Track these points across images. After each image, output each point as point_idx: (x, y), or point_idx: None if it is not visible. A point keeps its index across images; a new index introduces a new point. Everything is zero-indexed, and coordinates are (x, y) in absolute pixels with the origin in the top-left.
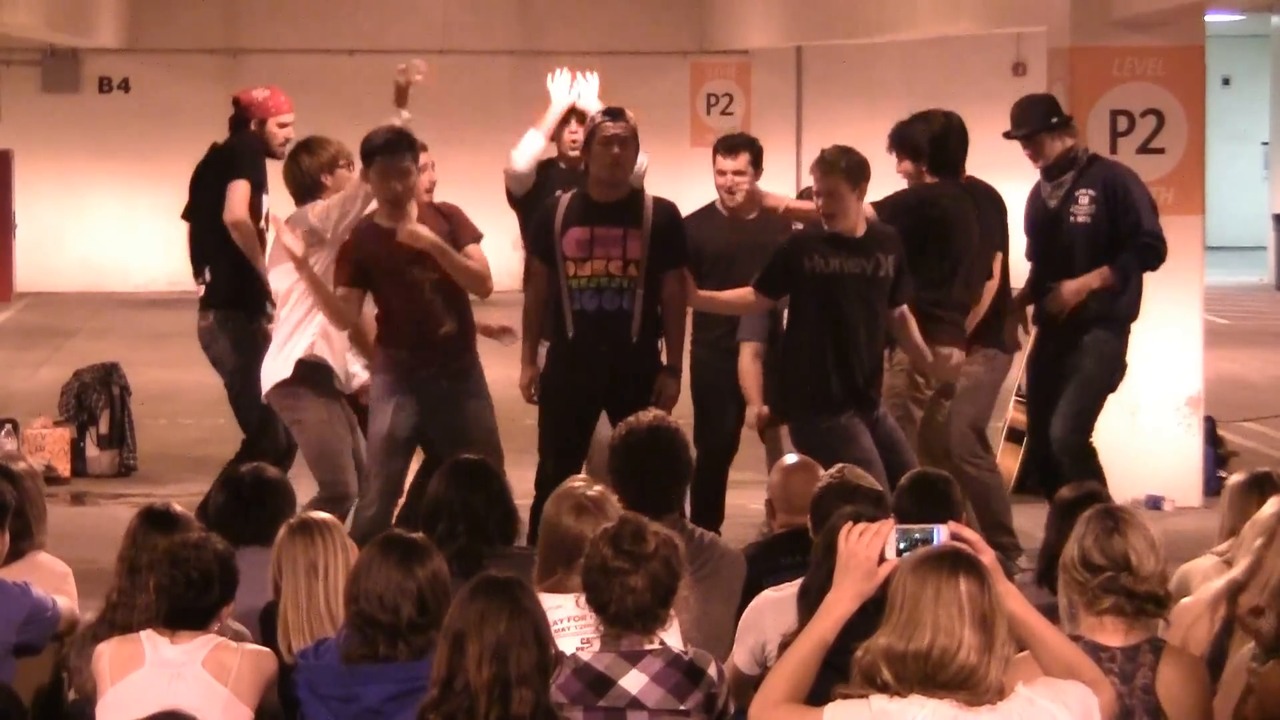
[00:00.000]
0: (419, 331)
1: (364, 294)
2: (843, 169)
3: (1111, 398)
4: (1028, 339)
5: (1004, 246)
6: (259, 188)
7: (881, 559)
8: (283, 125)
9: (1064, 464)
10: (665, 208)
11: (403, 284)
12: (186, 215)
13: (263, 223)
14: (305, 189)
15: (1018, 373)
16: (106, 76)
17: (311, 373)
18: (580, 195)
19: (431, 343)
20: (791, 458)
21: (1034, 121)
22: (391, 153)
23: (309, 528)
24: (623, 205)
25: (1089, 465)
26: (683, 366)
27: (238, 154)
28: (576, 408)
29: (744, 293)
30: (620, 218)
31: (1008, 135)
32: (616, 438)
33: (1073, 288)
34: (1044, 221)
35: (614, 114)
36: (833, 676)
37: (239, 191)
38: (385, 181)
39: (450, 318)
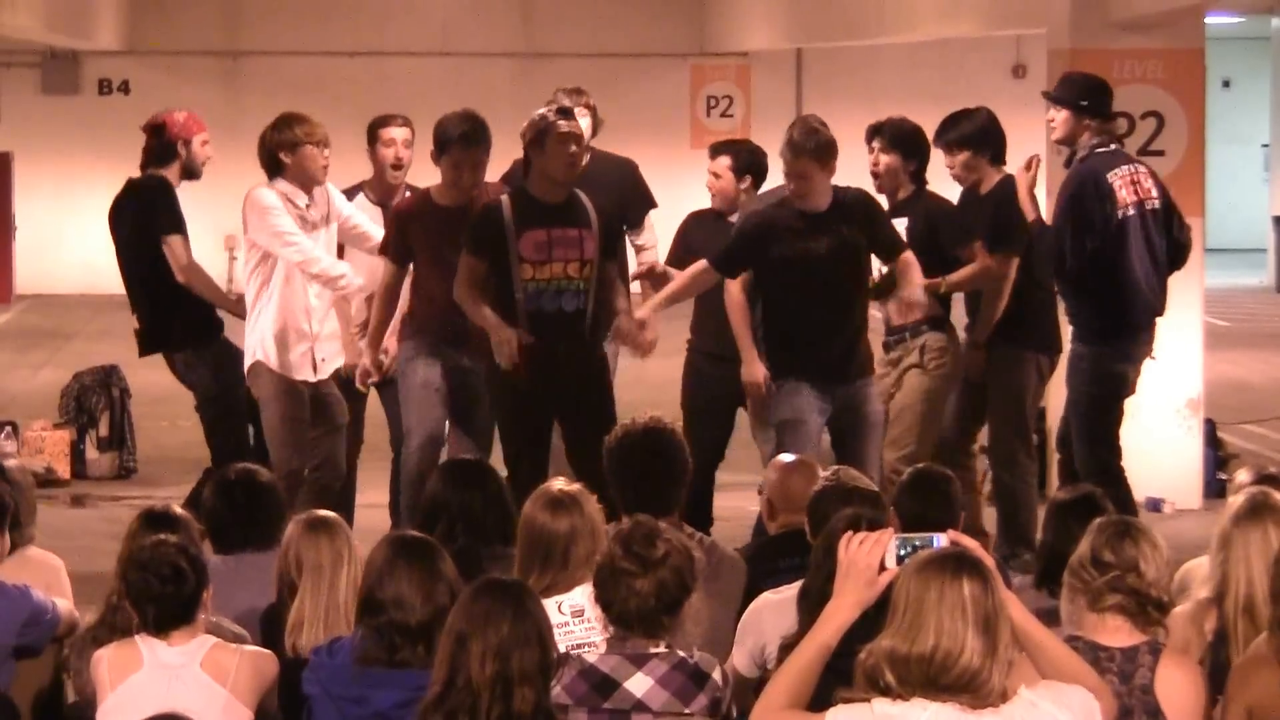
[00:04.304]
0: (449, 316)
1: (405, 273)
2: (811, 150)
3: None
4: None
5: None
6: (184, 233)
7: (882, 567)
8: (204, 143)
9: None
10: (601, 204)
11: (440, 266)
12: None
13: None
14: (267, 162)
15: None
16: (106, 78)
17: (258, 369)
18: (523, 195)
19: (459, 328)
20: (788, 456)
21: (1065, 93)
22: (466, 145)
23: (329, 524)
24: (569, 205)
25: (1114, 492)
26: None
27: (157, 207)
28: (536, 409)
29: (696, 269)
30: (572, 218)
31: (1045, 94)
32: (613, 440)
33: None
34: None
35: (567, 113)
36: (834, 680)
37: (176, 248)
38: (457, 171)
39: None
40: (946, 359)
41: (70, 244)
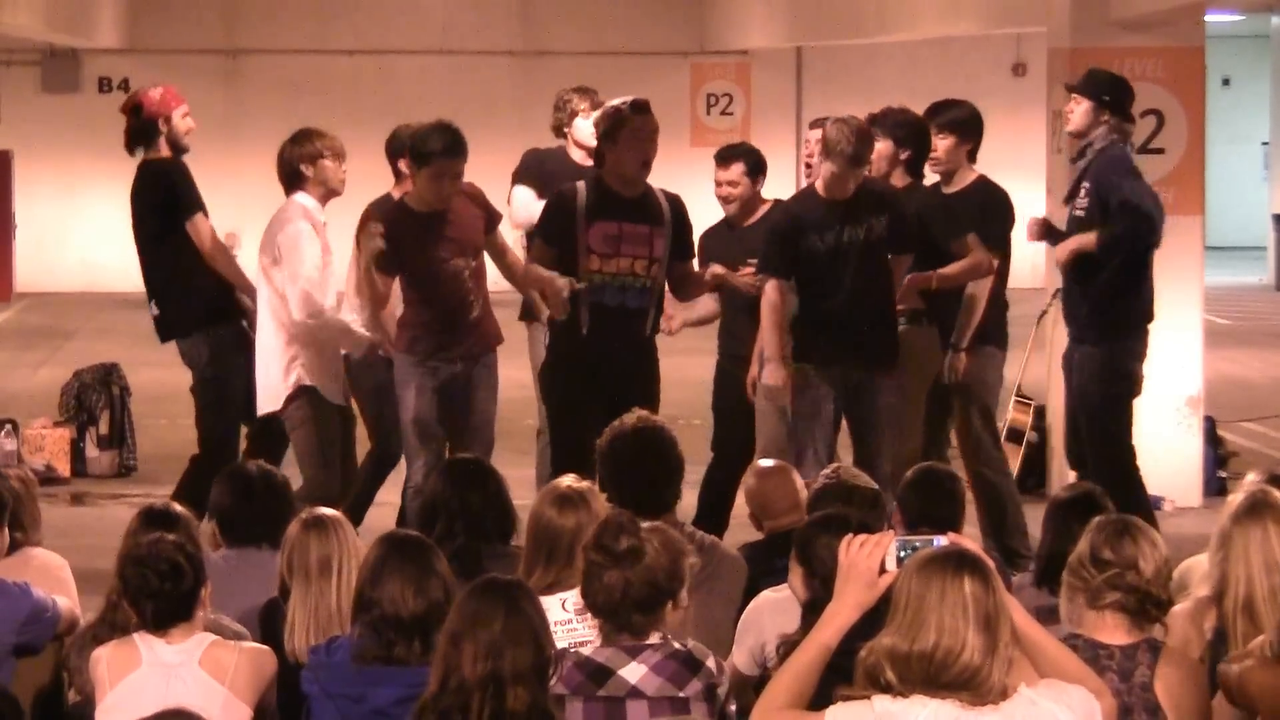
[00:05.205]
0: (450, 317)
1: (393, 279)
2: (868, 156)
3: None
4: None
5: (1005, 247)
6: (205, 211)
7: (882, 569)
8: (185, 115)
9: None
10: (676, 202)
11: (439, 271)
12: (137, 245)
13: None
14: (288, 176)
15: (1016, 371)
16: (106, 77)
17: (300, 394)
18: (599, 186)
19: (460, 327)
20: (765, 463)
21: (1088, 85)
22: (450, 156)
23: (323, 523)
24: (644, 201)
25: (1130, 490)
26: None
27: (174, 188)
28: (589, 405)
29: (769, 294)
30: (645, 214)
31: (1067, 85)
32: (603, 442)
33: (1061, 252)
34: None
35: (643, 107)
36: (834, 678)
37: (201, 228)
38: (439, 182)
39: (479, 303)
40: (924, 356)
41: (70, 242)
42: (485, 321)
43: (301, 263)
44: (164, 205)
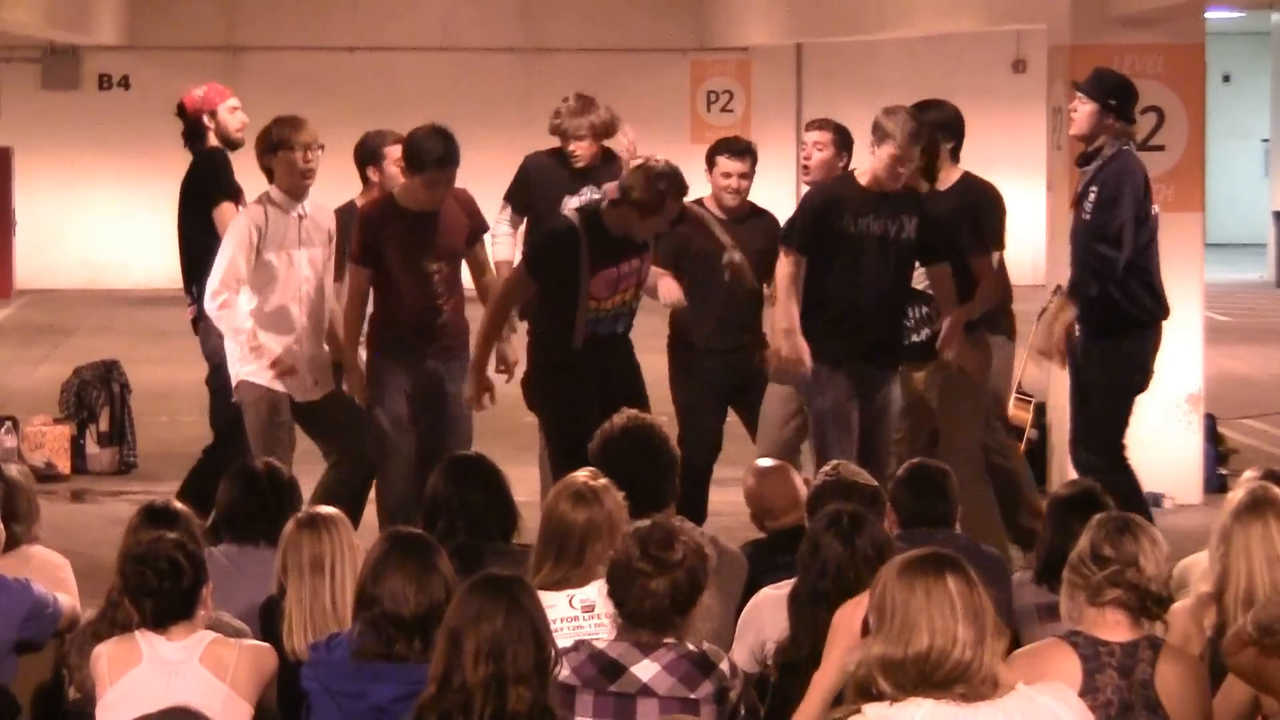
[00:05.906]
0: (420, 317)
1: (371, 277)
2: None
3: None
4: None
5: (1000, 244)
6: (235, 199)
7: (865, 629)
8: (233, 110)
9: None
10: None
11: (414, 272)
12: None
13: None
14: (262, 167)
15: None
16: (106, 74)
17: (241, 382)
18: (596, 229)
19: (430, 328)
20: (764, 462)
21: (1095, 88)
22: (442, 167)
23: (317, 523)
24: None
25: (1119, 482)
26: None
27: (205, 175)
28: (585, 411)
29: (782, 266)
30: (634, 247)
31: (1074, 83)
32: (595, 444)
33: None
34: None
35: (684, 192)
36: None
37: (225, 216)
38: (433, 189)
39: (449, 306)
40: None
41: (71, 239)
42: (457, 323)
43: (223, 252)
44: (194, 192)
